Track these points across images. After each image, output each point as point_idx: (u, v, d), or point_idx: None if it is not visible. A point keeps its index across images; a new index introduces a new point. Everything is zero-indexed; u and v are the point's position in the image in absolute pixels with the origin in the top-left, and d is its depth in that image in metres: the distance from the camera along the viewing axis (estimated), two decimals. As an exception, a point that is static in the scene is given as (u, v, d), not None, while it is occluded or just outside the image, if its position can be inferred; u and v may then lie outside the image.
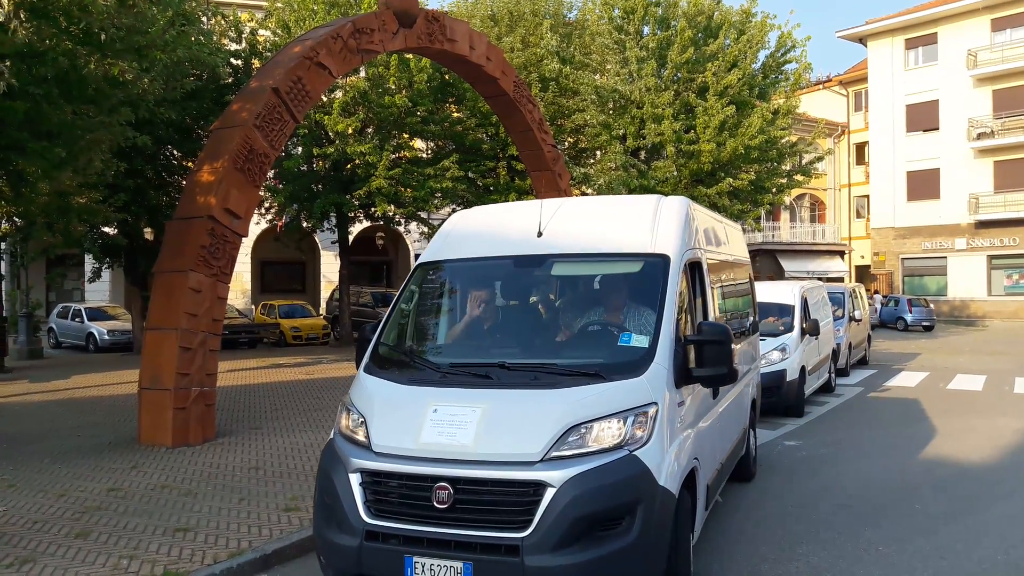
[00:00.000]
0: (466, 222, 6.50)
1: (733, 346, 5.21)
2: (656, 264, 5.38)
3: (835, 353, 16.39)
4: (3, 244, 20.50)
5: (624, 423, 4.55)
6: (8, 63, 7.59)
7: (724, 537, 6.72)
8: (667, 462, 4.64)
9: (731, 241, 8.29)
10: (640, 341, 5.03)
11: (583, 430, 4.50)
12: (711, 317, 6.11)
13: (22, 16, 7.51)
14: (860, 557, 6.28)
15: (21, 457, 9.61)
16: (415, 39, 13.68)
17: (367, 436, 4.84)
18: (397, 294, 6.07)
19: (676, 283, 5.25)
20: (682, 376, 5.01)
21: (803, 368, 13.04)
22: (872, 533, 6.86)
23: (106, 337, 25.28)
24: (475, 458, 4.47)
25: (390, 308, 5.98)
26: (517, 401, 4.71)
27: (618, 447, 4.49)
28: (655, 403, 4.66)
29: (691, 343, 5.10)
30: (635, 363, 4.84)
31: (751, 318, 9.02)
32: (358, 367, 5.57)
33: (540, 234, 5.76)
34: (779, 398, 12.50)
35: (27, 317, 23.11)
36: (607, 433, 4.52)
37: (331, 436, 5.28)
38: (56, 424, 11.98)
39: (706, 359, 5.03)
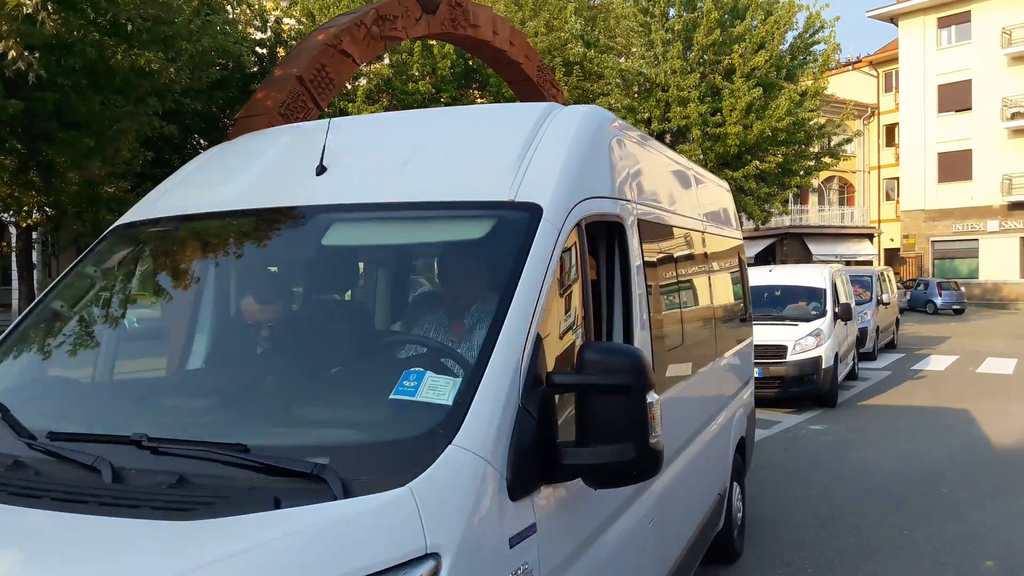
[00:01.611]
0: (223, 153, 4.01)
1: (654, 396, 2.38)
2: (515, 223, 2.76)
3: (860, 338, 16.14)
4: (34, 234, 20.84)
5: None
6: (37, 55, 7.70)
7: (747, 521, 6.73)
8: None
9: (708, 202, 5.62)
10: (436, 390, 2.38)
11: None
12: (638, 334, 3.36)
13: (50, 8, 7.60)
14: (885, 541, 6.26)
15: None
16: (438, 25, 13.64)
17: None
18: (55, 280, 3.54)
19: (545, 260, 2.65)
20: (535, 469, 2.36)
21: (836, 354, 12.66)
22: (897, 518, 6.83)
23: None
24: None
25: (30, 306, 3.42)
26: (73, 557, 2.01)
27: None
28: (434, 555, 1.97)
29: (561, 389, 2.48)
30: (408, 447, 2.23)
31: (744, 314, 6.70)
32: None
33: (322, 170, 3.16)
34: (815, 386, 11.88)
35: (60, 305, 23.56)
36: None
37: None
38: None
39: (590, 428, 2.34)
